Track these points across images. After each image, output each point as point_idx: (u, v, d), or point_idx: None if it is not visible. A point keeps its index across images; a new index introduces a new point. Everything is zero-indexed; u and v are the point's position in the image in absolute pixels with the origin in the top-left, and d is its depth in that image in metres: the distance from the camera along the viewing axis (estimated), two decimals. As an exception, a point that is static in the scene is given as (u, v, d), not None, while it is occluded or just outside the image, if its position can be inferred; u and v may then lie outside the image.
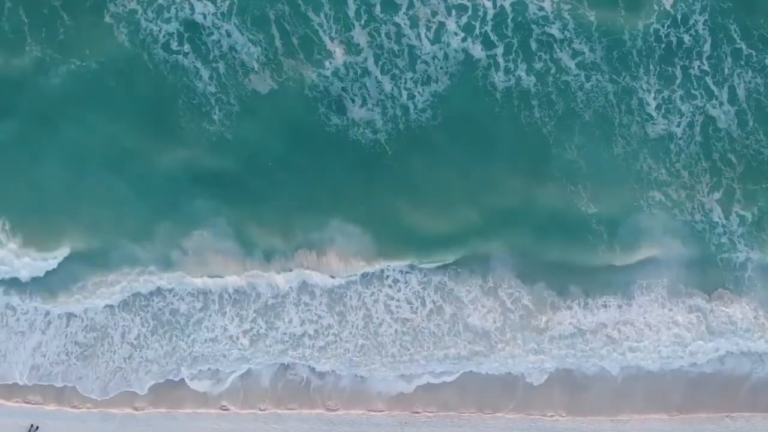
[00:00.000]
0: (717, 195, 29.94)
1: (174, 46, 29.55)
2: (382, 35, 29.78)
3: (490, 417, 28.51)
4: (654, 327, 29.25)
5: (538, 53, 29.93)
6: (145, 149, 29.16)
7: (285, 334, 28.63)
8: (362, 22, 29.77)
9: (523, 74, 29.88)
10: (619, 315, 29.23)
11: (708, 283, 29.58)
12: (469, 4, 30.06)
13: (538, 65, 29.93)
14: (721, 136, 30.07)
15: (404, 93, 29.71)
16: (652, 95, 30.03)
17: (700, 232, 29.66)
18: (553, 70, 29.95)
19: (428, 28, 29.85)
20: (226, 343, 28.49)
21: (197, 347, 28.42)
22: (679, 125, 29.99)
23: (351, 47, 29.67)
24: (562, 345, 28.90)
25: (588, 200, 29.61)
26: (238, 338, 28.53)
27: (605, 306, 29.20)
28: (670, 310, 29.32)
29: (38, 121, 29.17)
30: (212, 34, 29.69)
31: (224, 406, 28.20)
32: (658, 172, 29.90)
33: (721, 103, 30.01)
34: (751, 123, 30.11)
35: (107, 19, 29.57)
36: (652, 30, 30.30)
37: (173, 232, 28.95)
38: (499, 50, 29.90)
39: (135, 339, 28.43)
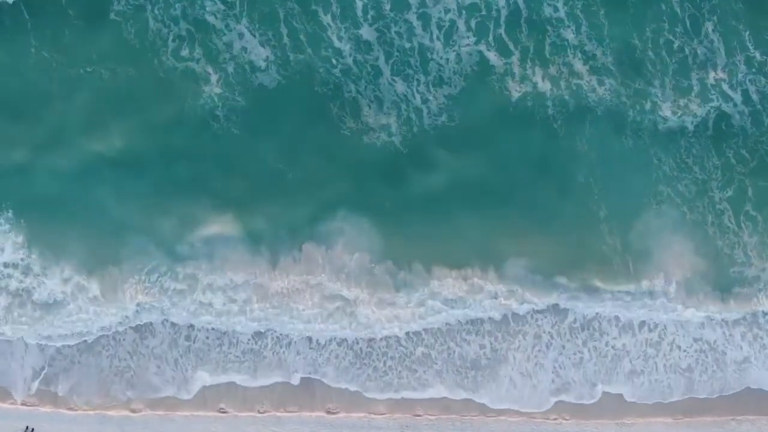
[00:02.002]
0: (728, 192, 29.63)
1: (183, 51, 29.40)
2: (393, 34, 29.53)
3: (493, 420, 28.21)
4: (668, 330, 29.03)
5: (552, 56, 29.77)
6: (148, 146, 29.04)
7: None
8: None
9: (539, 81, 29.71)
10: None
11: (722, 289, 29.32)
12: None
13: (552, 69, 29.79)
14: (735, 132, 29.87)
15: (418, 96, 29.46)
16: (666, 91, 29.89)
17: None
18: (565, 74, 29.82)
19: (440, 28, 29.54)
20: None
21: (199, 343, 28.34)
22: (692, 123, 29.73)
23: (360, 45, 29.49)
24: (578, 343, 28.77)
25: (597, 197, 29.35)
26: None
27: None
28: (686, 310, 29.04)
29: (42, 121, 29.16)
30: (223, 32, 29.50)
31: (222, 409, 27.89)
32: (668, 167, 29.61)
33: (735, 104, 29.72)
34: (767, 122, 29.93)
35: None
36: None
37: (179, 228, 28.78)
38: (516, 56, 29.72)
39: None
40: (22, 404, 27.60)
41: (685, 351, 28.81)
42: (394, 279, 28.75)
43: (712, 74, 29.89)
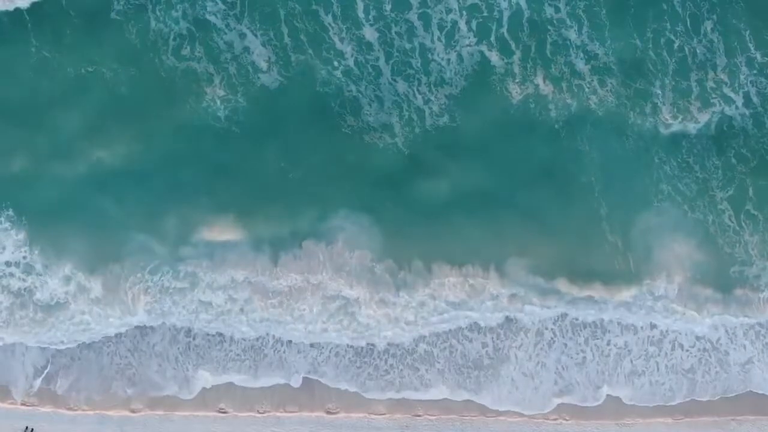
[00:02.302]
0: (729, 191, 29.58)
1: (184, 49, 29.40)
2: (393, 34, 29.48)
3: (493, 420, 28.24)
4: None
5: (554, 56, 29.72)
6: (153, 145, 29.02)
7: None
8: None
9: (540, 82, 29.64)
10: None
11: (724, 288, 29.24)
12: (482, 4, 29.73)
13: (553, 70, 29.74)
14: (736, 133, 29.80)
15: (419, 96, 29.41)
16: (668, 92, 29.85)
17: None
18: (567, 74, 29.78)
19: (441, 29, 29.52)
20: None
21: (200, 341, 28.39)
22: (694, 127, 29.71)
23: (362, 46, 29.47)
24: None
25: (599, 195, 29.26)
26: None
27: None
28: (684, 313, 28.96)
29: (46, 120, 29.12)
30: (224, 32, 29.46)
31: (222, 409, 27.95)
32: (669, 165, 29.56)
33: (737, 107, 29.66)
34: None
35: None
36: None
37: (182, 228, 28.75)
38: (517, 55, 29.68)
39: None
40: (22, 404, 27.65)
41: (687, 351, 28.79)
42: (395, 279, 28.68)
43: (711, 75, 29.83)
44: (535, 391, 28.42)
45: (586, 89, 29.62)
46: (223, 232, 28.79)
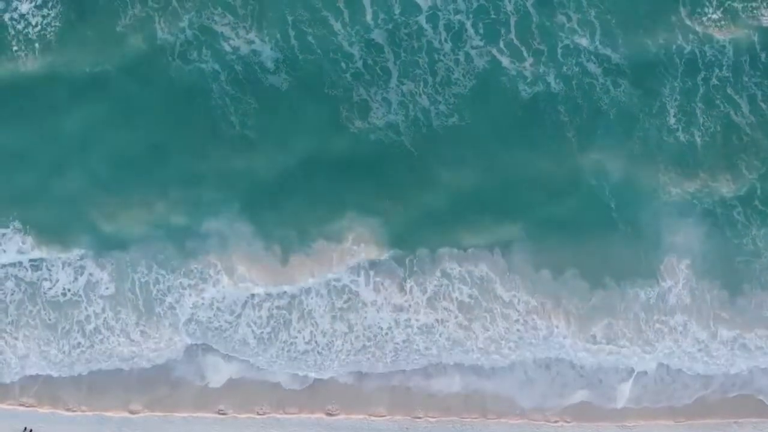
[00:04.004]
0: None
1: (192, 54, 29.26)
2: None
3: (493, 422, 28.23)
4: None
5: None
6: (162, 146, 28.92)
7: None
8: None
9: (551, 80, 29.41)
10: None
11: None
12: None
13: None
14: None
15: (425, 97, 29.22)
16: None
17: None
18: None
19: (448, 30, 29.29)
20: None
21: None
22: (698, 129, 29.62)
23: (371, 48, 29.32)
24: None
25: (609, 192, 29.22)
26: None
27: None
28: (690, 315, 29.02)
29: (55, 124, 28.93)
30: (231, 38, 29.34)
31: (222, 410, 27.89)
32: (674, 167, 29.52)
33: (744, 115, 29.58)
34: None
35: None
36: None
37: (190, 227, 28.68)
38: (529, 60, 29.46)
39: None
40: (21, 405, 27.60)
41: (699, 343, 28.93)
42: (404, 276, 28.63)
43: (717, 72, 29.57)
44: (551, 382, 28.63)
45: (599, 89, 29.37)
46: (231, 229, 28.65)
